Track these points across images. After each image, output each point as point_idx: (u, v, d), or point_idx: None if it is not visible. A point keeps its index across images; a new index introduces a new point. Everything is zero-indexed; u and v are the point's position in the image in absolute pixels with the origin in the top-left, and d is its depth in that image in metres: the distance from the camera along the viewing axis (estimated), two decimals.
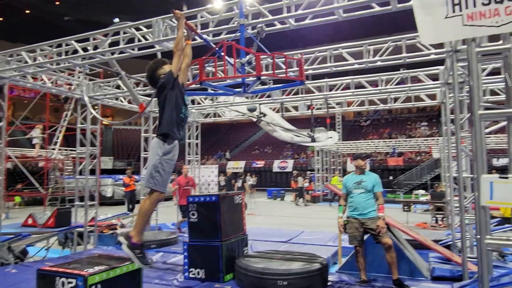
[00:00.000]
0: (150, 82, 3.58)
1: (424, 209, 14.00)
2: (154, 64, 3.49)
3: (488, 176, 3.02)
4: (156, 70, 3.46)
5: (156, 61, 3.53)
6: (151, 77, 3.48)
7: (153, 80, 3.46)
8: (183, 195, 8.85)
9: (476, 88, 3.13)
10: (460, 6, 3.13)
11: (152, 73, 3.48)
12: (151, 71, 3.48)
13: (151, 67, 3.49)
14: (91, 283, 3.42)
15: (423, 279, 5.21)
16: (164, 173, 3.31)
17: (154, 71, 3.47)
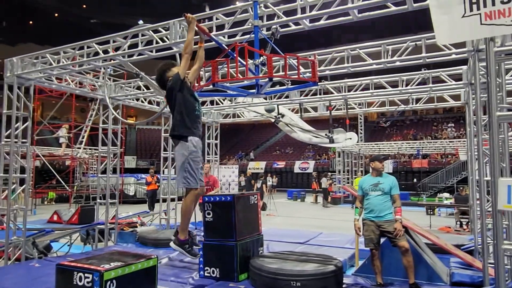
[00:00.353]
0: (159, 83, 3.67)
1: (449, 213, 13.64)
2: (164, 66, 3.56)
3: (506, 180, 2.93)
4: (165, 72, 3.53)
5: (165, 63, 3.60)
6: (160, 79, 3.57)
7: (161, 82, 3.55)
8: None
9: (494, 89, 3.04)
10: (478, 4, 3.05)
11: (161, 75, 3.56)
12: (160, 73, 3.56)
13: (160, 69, 3.56)
14: (106, 279, 3.52)
15: (442, 284, 5.08)
16: (193, 170, 3.48)
17: (163, 73, 3.54)
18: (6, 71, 6.10)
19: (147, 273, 4.05)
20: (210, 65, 3.69)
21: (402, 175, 27.39)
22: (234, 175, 26.66)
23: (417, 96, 8.52)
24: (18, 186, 6.22)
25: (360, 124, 24.21)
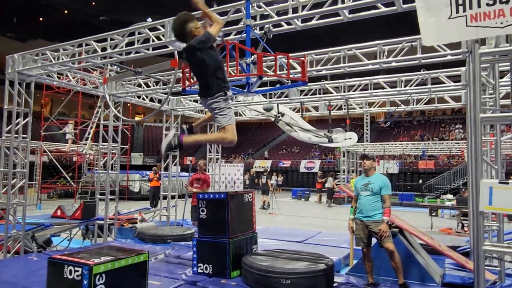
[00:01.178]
0: (177, 33, 3.27)
1: (452, 215, 13.54)
2: (185, 16, 3.20)
3: (487, 181, 2.93)
4: (187, 22, 3.17)
5: (186, 13, 3.22)
6: (182, 28, 3.17)
7: (181, 31, 3.17)
8: (194, 194, 7.74)
9: (478, 90, 3.04)
10: (464, 6, 3.06)
11: (183, 24, 3.17)
12: (182, 22, 3.17)
13: (182, 18, 3.19)
14: (95, 272, 3.59)
15: (433, 285, 5.08)
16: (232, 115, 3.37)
17: (185, 23, 3.17)
18: (8, 67, 6.22)
19: (138, 268, 4.11)
20: None
21: (407, 176, 27.22)
22: (240, 173, 26.82)
23: (418, 97, 8.48)
24: (18, 181, 6.35)
25: (366, 124, 24.11)
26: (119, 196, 18.22)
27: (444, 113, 36.37)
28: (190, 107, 9.99)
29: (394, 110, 8.41)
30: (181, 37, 3.28)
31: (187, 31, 3.18)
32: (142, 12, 35.37)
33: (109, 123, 7.88)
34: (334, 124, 18.23)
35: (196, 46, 3.12)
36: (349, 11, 3.96)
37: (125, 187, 21.12)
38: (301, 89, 8.21)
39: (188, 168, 33.80)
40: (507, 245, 3.04)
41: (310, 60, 6.16)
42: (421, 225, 10.85)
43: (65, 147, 19.80)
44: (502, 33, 3.00)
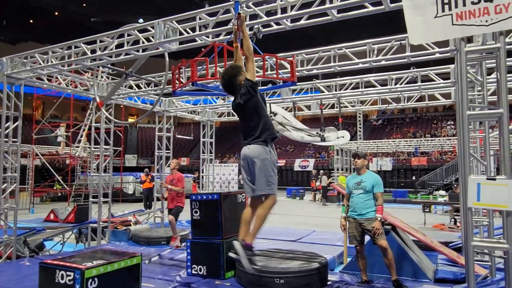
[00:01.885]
0: (228, 88, 3.43)
1: (445, 210, 13.67)
2: (234, 70, 3.36)
3: (475, 177, 2.97)
4: (236, 77, 3.34)
5: (235, 67, 3.38)
6: (232, 84, 3.34)
7: (233, 87, 3.33)
8: (169, 197, 7.66)
9: (465, 88, 3.07)
10: (449, 5, 3.09)
11: (232, 79, 3.33)
12: (232, 77, 3.33)
13: (231, 73, 3.35)
14: (88, 276, 3.58)
15: (426, 281, 5.12)
16: (276, 177, 3.42)
17: (234, 77, 3.33)
18: None
19: (131, 271, 4.10)
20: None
21: (401, 173, 27.40)
22: (234, 174, 26.80)
23: (409, 95, 8.54)
24: (9, 185, 6.30)
25: (359, 122, 24.21)
26: (113, 199, 18.11)
27: (436, 110, 36.66)
28: (183, 108, 9.98)
29: (386, 108, 8.46)
30: (229, 88, 3.43)
31: (236, 85, 3.35)
32: (135, 13, 35.23)
33: (101, 126, 7.84)
34: (327, 123, 18.26)
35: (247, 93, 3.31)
36: (338, 11, 3.98)
37: (119, 189, 21.04)
38: (293, 88, 8.23)
39: (181, 169, 33.83)
40: (496, 240, 3.08)
41: (301, 59, 6.18)
42: (415, 221, 10.93)
43: (57, 149, 19.64)
44: (487, 31, 3.03)
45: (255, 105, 3.33)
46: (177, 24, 4.73)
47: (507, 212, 2.89)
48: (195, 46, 4.77)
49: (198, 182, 19.41)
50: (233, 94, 3.42)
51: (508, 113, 2.94)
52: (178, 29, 4.71)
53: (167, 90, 6.34)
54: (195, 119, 11.08)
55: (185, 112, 10.46)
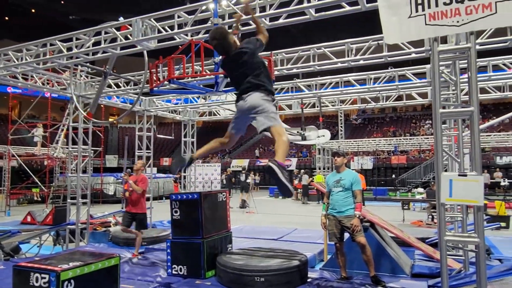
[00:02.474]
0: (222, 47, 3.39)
1: (423, 207, 13.95)
2: (223, 30, 3.42)
3: (448, 174, 3.05)
4: (228, 35, 3.34)
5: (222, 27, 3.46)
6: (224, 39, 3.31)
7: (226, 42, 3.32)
8: (130, 199, 6.82)
9: (437, 87, 3.14)
10: (422, 5, 3.16)
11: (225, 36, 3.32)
12: (224, 35, 3.33)
13: (222, 32, 3.36)
14: (63, 279, 3.50)
15: (404, 276, 5.23)
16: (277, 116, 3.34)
17: (226, 36, 3.33)
18: None
19: (108, 272, 4.04)
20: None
21: (381, 171, 27.84)
22: (217, 173, 26.71)
23: (387, 94, 8.70)
24: None
25: (341, 121, 24.48)
26: (93, 200, 17.74)
27: (415, 109, 37.40)
28: (163, 108, 9.89)
29: (365, 107, 8.59)
30: (222, 47, 3.38)
31: (230, 42, 3.34)
32: (115, 11, 34.64)
33: (79, 125, 7.70)
34: (309, 122, 18.48)
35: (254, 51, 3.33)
36: (316, 10, 4.02)
37: (99, 190, 20.69)
38: (274, 87, 8.24)
39: (164, 169, 33.48)
40: (467, 235, 3.17)
41: (281, 58, 6.21)
42: (394, 218, 11.14)
43: (35, 151, 19.15)
44: (459, 31, 3.11)
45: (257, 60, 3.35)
46: (156, 22, 4.69)
47: (477, 207, 2.98)
48: (174, 45, 4.74)
49: (179, 182, 19.29)
50: (225, 51, 3.39)
51: (478, 111, 3.03)
52: (157, 27, 4.67)
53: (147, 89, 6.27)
54: (176, 118, 10.99)
55: (166, 111, 10.37)
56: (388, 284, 4.72)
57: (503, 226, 9.63)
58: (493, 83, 7.53)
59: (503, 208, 10.24)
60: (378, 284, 4.67)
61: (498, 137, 17.60)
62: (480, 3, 2.98)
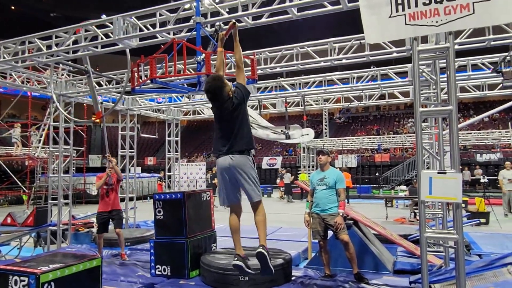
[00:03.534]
0: (216, 98, 3.41)
1: (406, 205, 14.17)
2: (219, 82, 3.36)
3: (427, 172, 3.10)
4: (223, 89, 3.34)
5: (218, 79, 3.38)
6: (221, 95, 3.34)
7: (222, 97, 3.34)
8: (107, 197, 6.44)
9: (417, 86, 3.19)
10: (402, 5, 3.20)
11: (221, 90, 3.34)
12: (220, 89, 3.33)
13: (219, 85, 3.34)
14: (43, 281, 3.45)
15: (386, 273, 5.31)
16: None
17: (221, 89, 3.33)
18: None
19: (90, 274, 3.98)
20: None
21: (365, 169, 28.16)
22: (202, 172, 26.60)
23: (370, 93, 8.79)
24: None
25: (325, 120, 24.65)
26: (76, 200, 17.43)
27: (398, 108, 37.94)
28: (146, 107, 9.78)
29: (348, 106, 8.66)
30: (217, 100, 3.41)
31: (224, 96, 3.36)
32: (96, 8, 34.09)
33: (60, 125, 7.55)
34: (293, 121, 18.56)
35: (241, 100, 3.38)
36: (298, 9, 4.03)
37: (82, 190, 20.36)
38: (258, 86, 8.26)
39: (148, 168, 33.17)
40: (447, 231, 3.23)
41: (264, 57, 6.21)
42: (377, 215, 11.28)
43: (13, 151, 18.72)
44: (437, 31, 3.16)
45: (242, 112, 3.39)
46: (137, 20, 4.63)
47: (456, 204, 3.04)
48: (157, 43, 4.70)
49: (164, 181, 19.13)
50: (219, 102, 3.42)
51: (457, 110, 3.09)
52: (138, 25, 4.61)
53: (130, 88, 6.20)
54: (160, 117, 10.89)
55: (149, 110, 10.26)
56: (371, 281, 4.77)
57: (482, 222, 9.86)
58: (472, 82, 7.70)
59: (482, 205, 10.47)
60: (361, 281, 4.72)
61: (478, 135, 17.98)
62: (458, 3, 3.04)
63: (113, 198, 6.49)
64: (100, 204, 6.53)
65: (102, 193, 6.49)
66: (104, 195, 6.47)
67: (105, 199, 6.47)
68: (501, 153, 23.35)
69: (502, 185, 11.86)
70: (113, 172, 6.52)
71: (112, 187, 6.48)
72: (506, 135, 17.15)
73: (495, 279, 3.67)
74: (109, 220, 6.53)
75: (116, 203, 6.55)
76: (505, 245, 6.90)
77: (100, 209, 6.52)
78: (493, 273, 3.83)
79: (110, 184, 6.47)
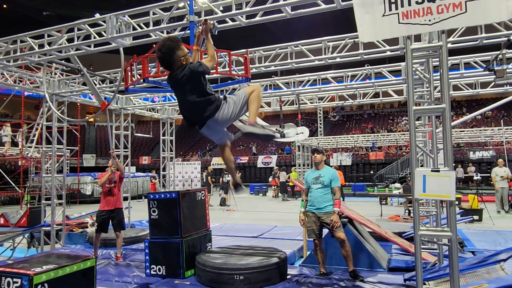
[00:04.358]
0: (165, 63, 3.16)
1: (400, 202, 14.25)
2: (173, 43, 3.07)
3: (421, 170, 3.11)
4: (175, 50, 3.06)
5: (174, 39, 3.11)
6: (170, 58, 3.07)
7: (171, 62, 3.08)
8: (109, 195, 6.38)
9: (411, 84, 3.20)
10: (396, 4, 3.20)
11: (171, 53, 3.05)
12: (171, 50, 3.05)
13: (170, 46, 3.06)
14: (36, 282, 3.41)
15: (381, 270, 5.34)
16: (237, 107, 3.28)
17: (173, 51, 3.05)
18: None
19: (84, 275, 3.95)
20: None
21: (360, 167, 28.25)
22: (197, 171, 26.55)
23: (364, 91, 8.82)
24: None
25: (320, 118, 24.69)
26: (71, 200, 17.32)
27: (392, 106, 38.09)
28: (140, 106, 9.74)
29: (343, 104, 8.69)
30: (166, 63, 3.16)
31: (175, 59, 3.09)
32: (89, 7, 33.82)
33: (53, 124, 7.50)
34: (288, 119, 18.57)
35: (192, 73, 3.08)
36: (291, 8, 4.03)
37: (77, 190, 20.24)
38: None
39: (143, 168, 33.04)
40: (441, 229, 3.25)
41: (258, 56, 6.20)
42: (372, 213, 11.34)
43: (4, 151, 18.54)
44: (430, 30, 3.18)
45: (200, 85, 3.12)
46: (130, 19, 4.60)
47: (449, 202, 3.05)
48: (150, 42, 4.67)
49: (157, 179, 19.05)
50: (170, 69, 3.17)
51: (450, 108, 3.10)
52: (132, 24, 4.58)
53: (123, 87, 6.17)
54: (155, 116, 10.85)
55: (143, 109, 10.22)
56: (366, 278, 4.79)
57: (476, 219, 9.94)
58: (465, 81, 7.75)
59: (476, 202, 10.55)
60: (356, 279, 4.74)
61: (471, 132, 18.10)
62: (451, 2, 3.05)
63: (116, 196, 6.39)
64: (102, 202, 6.45)
65: (105, 191, 6.41)
66: (107, 193, 6.39)
67: (107, 197, 6.38)
68: (493, 150, 23.53)
69: (495, 182, 11.97)
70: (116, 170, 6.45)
71: (115, 184, 6.41)
72: (499, 132, 17.28)
73: (488, 276, 3.70)
74: (109, 220, 6.44)
75: (119, 202, 6.50)
76: (498, 242, 6.97)
77: (101, 207, 6.45)
78: (486, 270, 3.86)
79: (114, 181, 6.40)
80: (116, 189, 6.43)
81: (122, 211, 6.59)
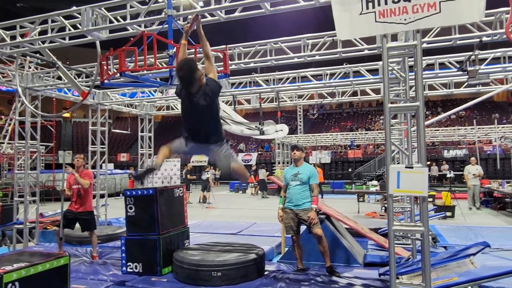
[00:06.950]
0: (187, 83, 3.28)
1: (376, 199, 14.52)
2: (193, 64, 3.27)
3: (395, 166, 3.18)
4: (196, 71, 3.22)
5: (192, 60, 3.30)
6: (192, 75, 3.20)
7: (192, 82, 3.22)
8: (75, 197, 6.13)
9: (386, 83, 3.26)
10: (373, 3, 3.25)
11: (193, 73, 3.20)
12: (192, 69, 3.20)
13: (191, 66, 3.22)
14: (7, 281, 3.32)
15: (357, 266, 5.43)
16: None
17: (194, 71, 3.21)
18: None
19: (57, 273, 3.86)
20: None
21: (339, 165, 28.63)
22: (176, 169, 26.31)
23: (343, 90, 8.93)
24: None
25: (300, 116, 24.87)
26: (45, 198, 16.92)
27: (370, 105, 38.71)
28: (118, 101, 9.56)
29: (321, 102, 8.77)
30: (187, 82, 3.30)
31: (196, 79, 3.26)
32: (67, 0, 32.93)
33: (26, 119, 7.28)
34: (269, 117, 18.65)
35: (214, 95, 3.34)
36: (271, 5, 4.03)
37: (51, 187, 19.73)
38: (232, 82, 8.23)
39: (121, 165, 32.49)
40: (413, 224, 3.33)
41: (238, 52, 6.18)
42: (350, 210, 11.51)
43: None
44: (406, 29, 3.24)
45: (216, 107, 3.41)
46: (107, 11, 4.51)
47: (422, 198, 3.13)
48: (127, 36, 4.59)
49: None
50: (189, 89, 3.30)
51: (423, 106, 3.18)
52: (108, 17, 4.49)
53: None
54: (133, 112, 10.67)
55: (121, 105, 10.04)
56: (342, 274, 4.87)
57: (448, 216, 10.23)
58: (440, 80, 7.94)
59: (449, 199, 10.87)
60: (333, 274, 4.81)
61: (445, 131, 18.60)
62: (426, 2, 3.12)
63: (84, 199, 6.09)
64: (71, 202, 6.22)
65: (73, 193, 6.14)
66: (76, 194, 6.11)
67: (76, 198, 6.13)
68: (466, 149, 24.27)
69: (467, 180, 12.34)
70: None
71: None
72: (471, 132, 17.83)
73: (458, 269, 3.82)
74: (73, 221, 6.13)
75: (87, 205, 6.13)
76: (469, 237, 7.20)
77: (69, 206, 6.21)
78: (457, 264, 3.98)
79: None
80: (84, 191, 6.05)
81: (89, 213, 6.16)
